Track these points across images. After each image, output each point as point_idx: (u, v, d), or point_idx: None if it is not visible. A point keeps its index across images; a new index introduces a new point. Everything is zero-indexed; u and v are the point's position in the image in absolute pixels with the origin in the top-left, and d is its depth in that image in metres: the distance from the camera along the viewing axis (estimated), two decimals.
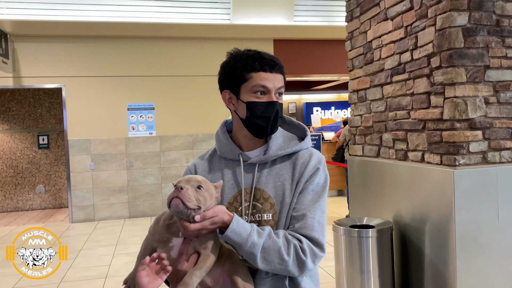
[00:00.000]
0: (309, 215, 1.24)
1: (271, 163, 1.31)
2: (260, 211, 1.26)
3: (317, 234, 1.22)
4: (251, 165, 1.31)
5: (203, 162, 1.40)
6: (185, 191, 1.07)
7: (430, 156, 2.87)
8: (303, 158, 1.31)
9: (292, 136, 1.38)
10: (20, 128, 8.54)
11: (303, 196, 1.26)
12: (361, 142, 3.74)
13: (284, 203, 1.26)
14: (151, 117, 7.37)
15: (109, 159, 7.27)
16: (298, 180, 1.27)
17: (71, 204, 7.19)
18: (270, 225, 1.25)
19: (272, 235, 1.18)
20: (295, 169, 1.29)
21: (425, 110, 2.89)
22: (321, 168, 1.31)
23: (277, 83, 1.29)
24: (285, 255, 1.16)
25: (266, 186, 1.28)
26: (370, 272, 3.07)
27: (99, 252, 5.37)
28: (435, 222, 2.81)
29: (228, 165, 1.35)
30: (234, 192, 1.30)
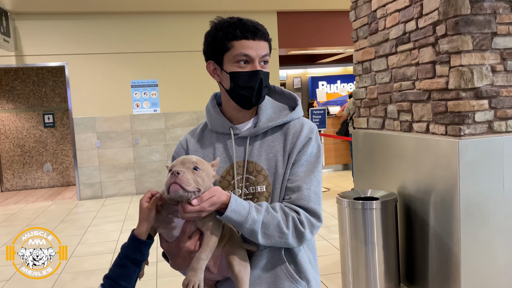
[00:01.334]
0: (305, 186, 1.22)
1: (263, 135, 1.29)
2: (253, 184, 1.25)
3: (314, 204, 1.22)
4: (243, 138, 1.29)
5: (195, 137, 1.38)
6: (182, 175, 1.05)
7: (435, 126, 2.83)
8: (294, 128, 1.28)
9: (282, 106, 1.35)
10: (25, 107, 8.56)
11: (297, 167, 1.24)
12: (365, 115, 3.70)
13: (277, 175, 1.24)
14: (155, 94, 7.34)
15: (114, 136, 7.29)
16: (291, 151, 1.25)
17: (78, 181, 7.27)
18: (265, 197, 1.24)
19: (270, 209, 1.18)
20: (287, 140, 1.27)
21: (430, 80, 2.83)
22: (313, 137, 1.28)
23: (261, 51, 1.23)
24: (284, 228, 1.16)
25: (258, 158, 1.26)
26: (375, 243, 3.08)
27: (107, 228, 5.44)
28: (440, 193, 2.79)
29: (219, 139, 1.33)
30: (226, 165, 1.28)
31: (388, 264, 3.11)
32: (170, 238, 1.16)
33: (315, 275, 1.30)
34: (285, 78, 10.60)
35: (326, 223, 5.05)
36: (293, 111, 1.32)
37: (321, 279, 3.50)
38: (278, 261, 1.23)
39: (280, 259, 1.23)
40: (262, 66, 1.24)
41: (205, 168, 1.12)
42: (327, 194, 6.60)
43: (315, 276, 1.30)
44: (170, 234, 1.16)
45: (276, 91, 1.39)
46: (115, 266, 1.15)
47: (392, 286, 3.14)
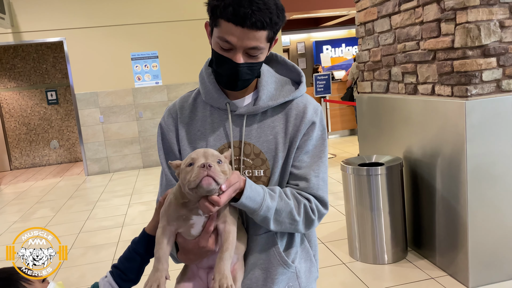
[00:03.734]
0: (313, 174, 1.15)
1: (262, 114, 1.16)
2: (250, 167, 1.14)
3: (322, 192, 1.16)
4: (239, 116, 1.16)
5: (186, 107, 1.23)
6: (214, 168, 0.96)
7: (440, 88, 2.73)
8: (297, 108, 1.16)
9: (285, 80, 1.21)
10: (27, 85, 8.51)
11: (303, 153, 1.15)
12: (369, 78, 3.59)
13: (277, 158, 1.14)
14: (156, 66, 7.23)
15: (117, 111, 7.25)
16: (294, 134, 1.15)
17: (85, 157, 7.29)
18: (262, 181, 1.14)
19: (283, 196, 1.11)
20: (289, 121, 1.15)
21: (435, 39, 2.71)
22: (318, 120, 1.17)
23: (248, 42, 1.02)
24: (296, 215, 1.11)
25: (257, 140, 1.15)
26: (381, 209, 3.05)
27: (115, 203, 5.48)
28: (447, 156, 2.72)
29: (213, 113, 1.19)
30: (220, 144, 1.16)
31: (395, 229, 3.08)
32: (189, 236, 1.07)
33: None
34: (289, 44, 10.38)
35: (332, 189, 5.02)
36: (297, 89, 1.19)
37: (328, 245, 3.50)
38: (272, 246, 1.17)
39: (274, 244, 1.17)
40: (247, 58, 1.06)
41: (225, 160, 1.04)
42: (333, 160, 6.55)
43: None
44: (189, 233, 1.07)
45: (278, 61, 1.25)
46: (125, 259, 1.15)
47: (399, 251, 3.13)
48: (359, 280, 2.92)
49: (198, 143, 1.18)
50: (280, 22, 1.05)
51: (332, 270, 3.10)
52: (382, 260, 3.11)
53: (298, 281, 1.20)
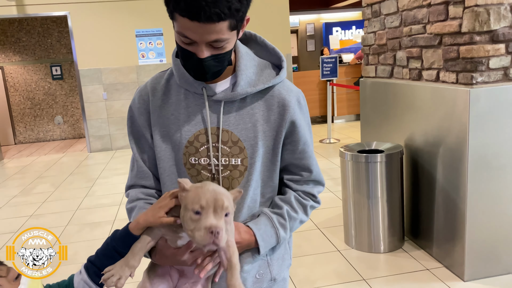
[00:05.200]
0: (314, 163, 1.17)
1: (241, 101, 1.09)
2: (227, 155, 1.08)
3: (321, 174, 1.20)
4: (217, 101, 1.08)
5: (158, 90, 1.14)
6: (220, 234, 0.91)
7: (445, 74, 2.62)
8: (279, 96, 1.09)
9: (265, 64, 1.13)
10: (32, 59, 8.46)
11: (299, 144, 1.13)
12: (374, 62, 3.48)
13: (256, 147, 1.08)
14: (160, 43, 7.12)
15: (121, 88, 7.19)
16: (279, 124, 1.08)
17: (88, 134, 7.27)
18: (239, 170, 1.08)
19: (291, 214, 1.13)
20: (271, 109, 1.08)
21: (442, 23, 2.58)
22: (303, 106, 1.13)
23: (208, 36, 0.93)
24: (305, 219, 1.18)
25: (235, 127, 1.07)
26: (378, 197, 2.97)
27: (115, 181, 5.47)
28: (449, 146, 2.63)
29: (188, 97, 1.10)
30: (195, 130, 1.09)
31: (392, 218, 3.02)
32: (174, 244, 1.03)
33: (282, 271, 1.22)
34: (297, 25, 10.17)
35: (333, 175, 4.95)
36: (277, 74, 1.11)
37: (324, 231, 3.45)
38: None
39: None
40: (212, 49, 0.97)
41: (232, 207, 0.97)
42: (336, 146, 6.46)
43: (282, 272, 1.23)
44: (175, 242, 1.02)
45: (258, 43, 1.15)
46: (103, 256, 1.07)
47: (396, 240, 3.07)
48: (353, 268, 2.87)
49: (172, 127, 1.11)
50: (243, 7, 0.94)
51: (326, 257, 3.06)
52: (378, 249, 3.06)
53: (270, 268, 1.15)
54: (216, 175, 1.08)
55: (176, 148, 1.11)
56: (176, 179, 1.10)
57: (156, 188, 1.18)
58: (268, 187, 1.14)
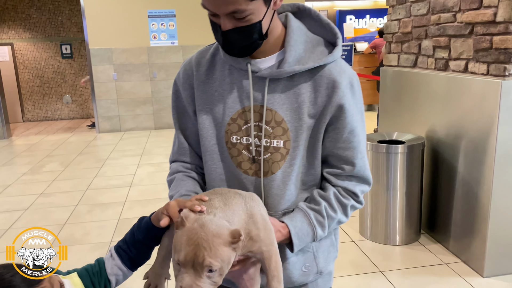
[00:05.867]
0: (359, 156, 1.04)
1: (288, 79, 1.01)
2: (269, 136, 1.01)
3: (368, 171, 1.07)
4: (262, 78, 1.01)
5: (204, 63, 1.08)
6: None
7: (475, 65, 2.54)
8: (329, 77, 0.99)
9: (318, 40, 1.03)
10: (42, 36, 8.38)
11: (344, 131, 1.02)
12: (397, 51, 3.39)
13: (301, 130, 1.00)
14: (173, 25, 7.02)
15: (131, 69, 7.11)
16: (325, 107, 0.99)
17: (97, 114, 7.22)
18: (281, 153, 1.01)
19: (329, 212, 1.04)
20: (318, 90, 0.99)
21: (474, 12, 2.49)
22: (356, 90, 1.02)
23: (224, 7, 0.89)
24: (344, 219, 1.07)
25: (280, 107, 1.00)
26: (397, 189, 2.92)
27: (124, 162, 5.43)
28: (473, 139, 2.56)
29: (232, 73, 1.04)
30: (238, 107, 1.03)
31: (410, 211, 2.97)
32: None
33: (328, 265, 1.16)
34: None
35: None
36: (330, 53, 1.01)
37: None
38: None
39: None
40: (235, 21, 0.91)
41: (221, 258, 0.83)
42: None
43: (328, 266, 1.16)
44: None
45: (312, 17, 1.06)
46: (131, 245, 1.05)
47: (412, 233, 3.02)
48: (368, 259, 2.83)
49: (216, 104, 1.05)
50: None
51: (341, 247, 3.02)
52: (394, 241, 3.01)
53: (316, 261, 1.09)
54: (257, 157, 1.02)
55: (219, 126, 1.05)
56: (218, 159, 1.05)
57: (197, 164, 1.14)
58: (309, 175, 1.06)
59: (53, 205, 4.01)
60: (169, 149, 6.00)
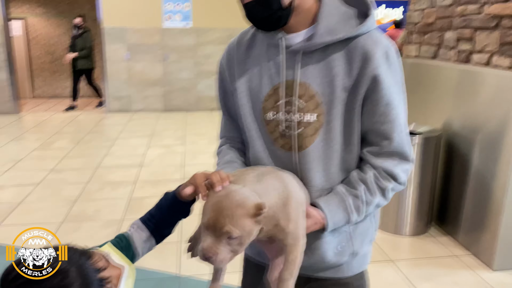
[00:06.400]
0: (397, 130, 1.01)
1: (321, 52, 0.99)
2: (302, 111, 1.01)
3: (409, 147, 1.03)
4: (295, 52, 1.01)
5: (243, 43, 1.11)
6: (214, 260, 0.85)
7: (499, 58, 2.51)
8: (363, 47, 0.97)
9: (350, 13, 1.01)
10: (55, 12, 8.34)
11: (381, 104, 0.99)
12: (418, 41, 3.36)
13: (334, 103, 0.99)
14: (188, 6, 6.96)
15: (144, 50, 7.08)
16: (358, 80, 0.97)
17: (107, 93, 7.22)
18: (314, 127, 1.00)
19: (368, 196, 1.02)
20: (351, 62, 0.97)
21: (502, 4, 2.46)
22: (392, 61, 0.98)
23: None
24: (383, 202, 1.05)
25: (313, 80, 0.99)
26: (410, 180, 2.92)
27: (134, 143, 5.45)
28: (490, 133, 2.55)
29: (270, 50, 1.05)
30: (274, 83, 1.04)
31: (421, 203, 2.97)
32: None
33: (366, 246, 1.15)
34: None
35: None
36: (362, 23, 0.99)
37: None
38: None
39: None
40: None
41: (242, 228, 0.84)
42: None
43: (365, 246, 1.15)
44: None
45: None
46: (160, 222, 1.06)
47: (422, 224, 3.03)
48: (380, 248, 2.84)
49: (253, 82, 1.07)
50: None
51: None
52: (404, 232, 3.02)
53: (352, 241, 1.09)
54: (288, 132, 1.03)
55: (256, 103, 1.07)
56: (256, 135, 1.07)
57: (245, 138, 1.17)
58: (349, 152, 1.04)
59: (64, 182, 4.03)
60: (178, 131, 6.00)
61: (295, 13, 0.99)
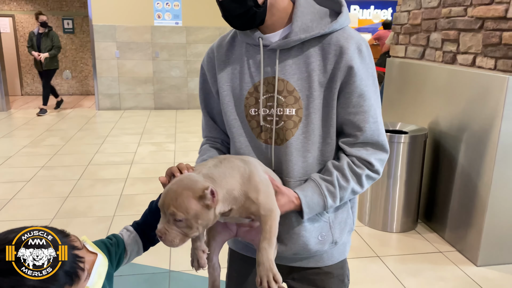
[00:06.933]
0: (371, 120, 1.05)
1: (298, 49, 1.05)
2: (282, 105, 1.06)
3: (383, 136, 1.08)
4: (273, 50, 1.07)
5: (223, 46, 1.16)
6: (164, 239, 0.92)
7: (483, 60, 2.59)
8: (336, 43, 1.02)
9: (325, 11, 1.07)
10: (44, 10, 8.28)
11: (354, 96, 1.04)
12: (404, 42, 3.43)
13: (312, 98, 1.04)
14: (178, 5, 6.97)
15: (134, 47, 7.08)
16: (333, 72, 1.03)
17: (97, 91, 7.20)
18: (293, 121, 1.06)
19: (341, 182, 1.06)
20: (326, 58, 1.03)
21: (486, 7, 2.53)
22: (364, 55, 1.04)
23: None
24: (358, 189, 1.09)
25: (291, 77, 1.05)
26: (397, 178, 2.99)
27: (125, 140, 5.46)
28: (475, 132, 2.62)
29: (249, 50, 1.11)
30: (254, 81, 1.09)
31: (408, 200, 3.04)
32: None
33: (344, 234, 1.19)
34: None
35: None
36: (335, 20, 1.04)
37: None
38: None
39: None
40: None
41: (187, 210, 0.89)
42: None
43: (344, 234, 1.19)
44: None
45: None
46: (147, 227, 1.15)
47: (410, 221, 3.10)
48: (366, 244, 2.90)
49: (235, 81, 1.13)
50: None
51: None
52: (391, 228, 3.09)
53: (331, 231, 1.15)
54: (269, 126, 1.09)
55: (238, 101, 1.12)
56: (240, 132, 1.13)
57: (223, 138, 1.24)
58: (326, 145, 1.10)
59: (55, 178, 4.04)
60: (169, 129, 6.02)
61: (270, 13, 1.05)
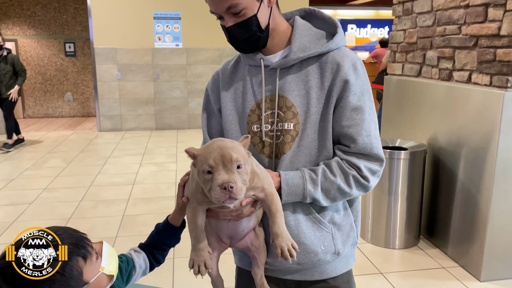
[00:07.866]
0: (364, 133, 1.09)
1: (297, 68, 1.13)
2: (281, 120, 1.13)
3: (376, 150, 1.11)
4: (273, 70, 1.15)
5: (228, 69, 1.25)
6: (235, 187, 0.92)
7: (478, 76, 2.63)
8: (333, 62, 1.10)
9: (321, 33, 1.16)
10: (46, 34, 8.43)
11: (348, 110, 1.09)
12: (401, 60, 3.49)
13: (309, 113, 1.11)
14: (178, 27, 7.10)
15: (135, 69, 7.17)
16: (330, 89, 1.09)
17: (98, 113, 7.27)
18: (291, 135, 1.12)
19: (327, 174, 1.09)
20: (324, 75, 1.10)
21: (479, 25, 2.60)
22: (359, 72, 1.10)
23: (221, 5, 1.05)
24: (346, 188, 1.10)
25: (290, 93, 1.12)
26: (398, 194, 3.00)
27: (127, 161, 5.48)
28: (473, 147, 2.65)
29: (251, 71, 1.19)
30: (256, 99, 1.16)
31: (410, 216, 3.05)
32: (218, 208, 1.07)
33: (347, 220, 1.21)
34: None
35: None
36: (331, 40, 1.12)
37: None
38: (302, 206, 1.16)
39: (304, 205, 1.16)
40: (235, 18, 1.07)
41: (243, 156, 0.97)
42: None
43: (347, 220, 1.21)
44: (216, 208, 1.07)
45: (317, 16, 1.20)
46: (153, 247, 1.22)
47: (412, 237, 3.10)
48: (369, 261, 2.90)
49: (238, 100, 1.20)
50: None
51: None
52: (393, 245, 3.09)
53: (334, 242, 1.17)
54: (270, 141, 1.14)
55: (241, 119, 1.18)
56: None
57: None
58: (323, 157, 1.14)
59: (57, 200, 4.05)
60: (170, 149, 6.06)
61: (271, 37, 1.14)
